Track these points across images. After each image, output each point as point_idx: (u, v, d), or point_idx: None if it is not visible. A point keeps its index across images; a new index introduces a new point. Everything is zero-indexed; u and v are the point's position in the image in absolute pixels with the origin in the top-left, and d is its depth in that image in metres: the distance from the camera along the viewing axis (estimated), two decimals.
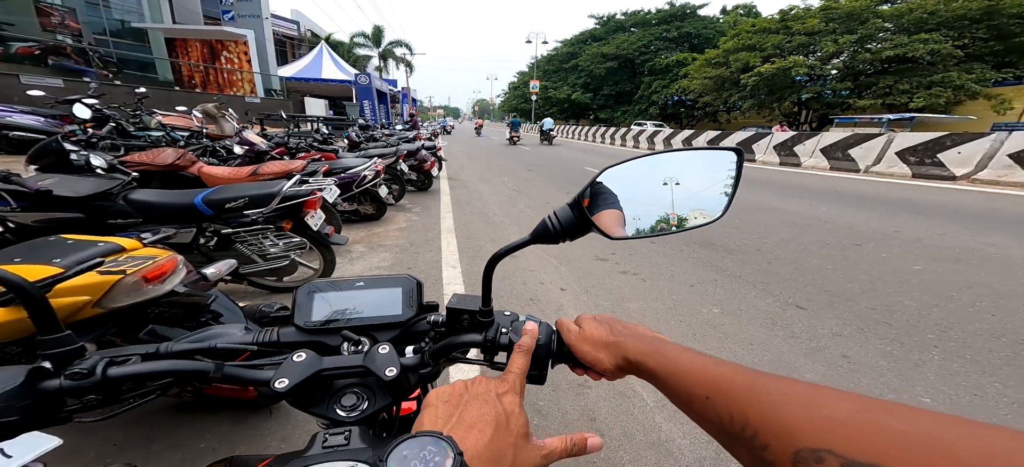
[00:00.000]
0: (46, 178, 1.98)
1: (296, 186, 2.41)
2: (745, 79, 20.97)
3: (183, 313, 1.25)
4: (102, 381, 0.37)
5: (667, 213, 0.43)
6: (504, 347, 0.44)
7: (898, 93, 16.72)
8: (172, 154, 2.88)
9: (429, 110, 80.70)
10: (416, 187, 6.02)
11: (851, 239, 3.87)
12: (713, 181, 0.44)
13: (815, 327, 2.28)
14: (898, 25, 17.37)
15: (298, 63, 19.70)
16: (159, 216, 2.11)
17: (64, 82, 7.17)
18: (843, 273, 3.03)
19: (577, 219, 0.42)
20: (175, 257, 1.22)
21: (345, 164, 3.94)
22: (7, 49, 8.92)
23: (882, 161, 8.23)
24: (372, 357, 0.42)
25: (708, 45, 28.48)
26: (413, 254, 3.43)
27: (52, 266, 1.01)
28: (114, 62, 11.68)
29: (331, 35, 30.33)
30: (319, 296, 0.48)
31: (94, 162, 2.41)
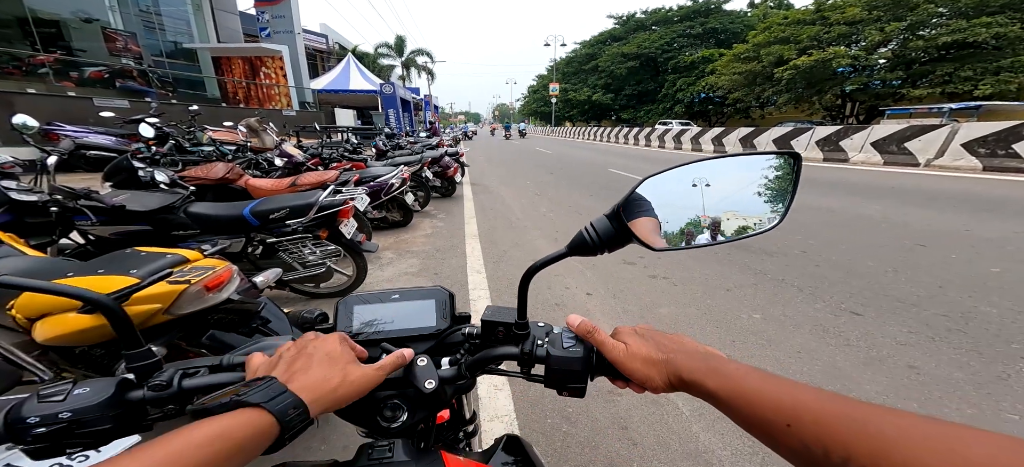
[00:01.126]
0: (119, 194, 2.21)
1: (331, 196, 2.54)
2: (779, 73, 19.89)
3: (237, 319, 1.37)
4: (178, 391, 0.41)
5: (715, 222, 0.41)
6: (540, 359, 0.44)
7: (959, 80, 15.30)
8: (223, 169, 3.13)
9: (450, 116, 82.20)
10: (440, 193, 6.16)
11: (913, 239, 3.55)
12: (766, 187, 0.41)
13: (874, 335, 2.11)
14: (954, 9, 15.90)
15: (328, 76, 20.69)
16: (213, 227, 2.29)
17: (129, 103, 7.96)
18: (905, 276, 2.79)
19: (616, 230, 0.41)
20: (231, 267, 1.34)
21: (374, 173, 4.10)
22: (82, 74, 10.01)
23: (946, 154, 7.51)
24: (411, 369, 0.44)
25: (735, 40, 27.31)
26: (439, 260, 3.52)
27: (130, 277, 1.14)
28: (170, 82, 12.80)
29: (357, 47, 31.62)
30: (358, 308, 0.51)
31: (158, 178, 2.66)
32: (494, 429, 1.56)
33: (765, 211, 0.41)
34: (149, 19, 13.77)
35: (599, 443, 1.50)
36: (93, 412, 0.37)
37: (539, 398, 1.71)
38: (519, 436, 0.53)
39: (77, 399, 0.37)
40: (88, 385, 0.39)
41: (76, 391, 0.38)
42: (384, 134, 7.94)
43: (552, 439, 1.53)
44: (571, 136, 29.88)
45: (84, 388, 0.38)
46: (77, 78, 9.74)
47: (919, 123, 9.07)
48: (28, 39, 10.09)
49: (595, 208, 5.51)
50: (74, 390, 0.38)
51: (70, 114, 6.55)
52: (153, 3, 13.98)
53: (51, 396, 0.37)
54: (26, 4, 10.06)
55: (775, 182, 0.41)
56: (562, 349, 0.43)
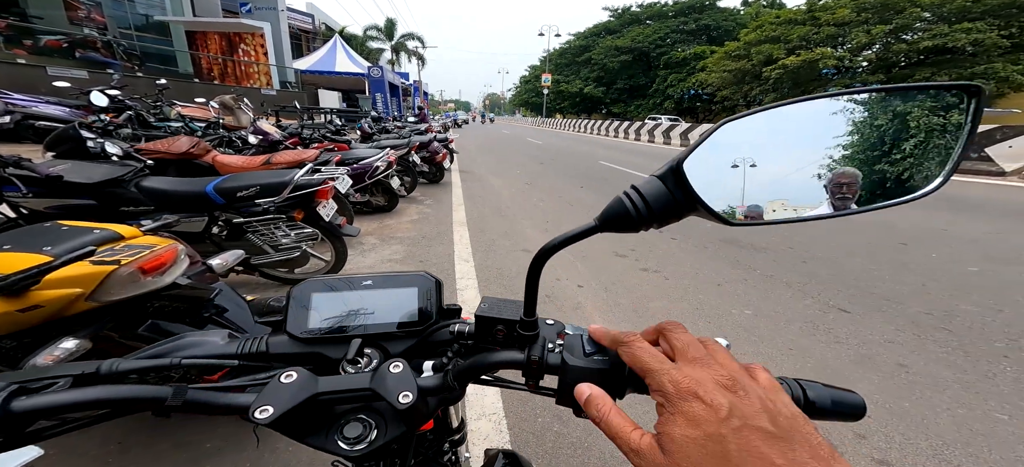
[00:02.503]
0: (58, 164, 1.95)
1: (308, 175, 2.34)
2: (767, 72, 20.20)
3: (186, 307, 1.18)
4: (7, 415, 0.28)
5: (839, 183, 0.29)
6: (554, 368, 0.32)
7: None
8: (186, 142, 2.86)
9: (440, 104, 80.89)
10: (428, 179, 5.97)
11: (894, 238, 3.60)
12: (918, 134, 0.29)
13: (862, 332, 2.09)
14: (938, 14, 16.37)
15: (313, 56, 19.91)
16: (171, 204, 2.06)
17: (89, 74, 7.38)
18: (889, 274, 2.81)
19: (674, 197, 0.28)
20: (175, 246, 1.14)
21: (358, 154, 3.88)
22: (36, 42, 9.23)
23: None
24: (382, 378, 0.33)
25: (728, 37, 27.60)
26: (425, 247, 3.35)
27: (42, 255, 0.94)
28: (137, 55, 12.02)
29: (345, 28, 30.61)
30: (318, 297, 0.40)
31: (109, 149, 2.39)
32: (481, 429, 1.42)
33: (913, 169, 0.29)
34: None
35: (592, 444, 1.41)
36: None
37: (529, 395, 1.58)
38: (516, 453, 0.44)
39: None
40: None
41: None
42: (370, 117, 7.62)
43: (543, 440, 1.41)
44: (562, 128, 29.73)
45: None
46: (31, 46, 8.98)
47: None
48: None
49: (587, 199, 5.42)
50: None
51: (19, 83, 5.99)
52: None
53: None
54: None
55: (933, 129, 0.29)
56: (584, 357, 0.32)
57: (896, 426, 1.46)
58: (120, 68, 9.52)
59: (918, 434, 1.43)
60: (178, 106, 6.00)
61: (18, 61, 7.12)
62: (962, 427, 1.46)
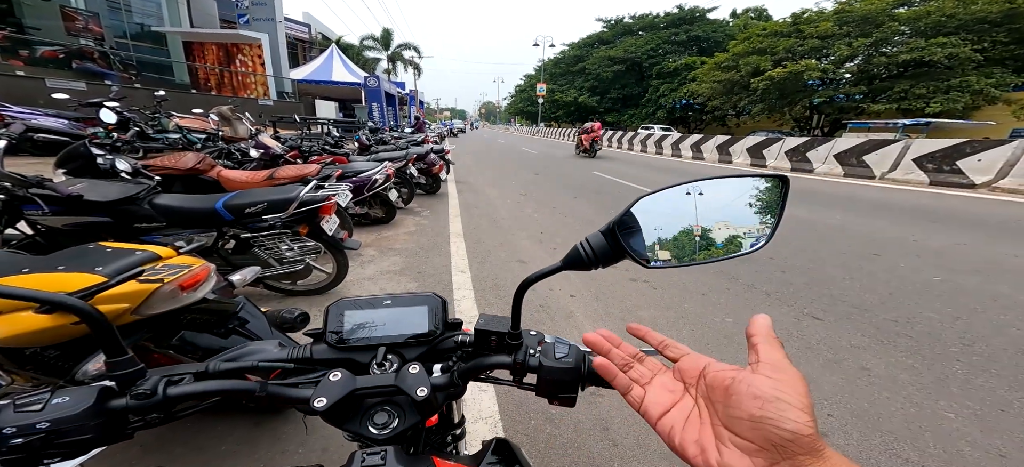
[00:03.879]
0: (76, 183, 2.05)
1: (312, 191, 2.45)
2: (755, 83, 20.74)
3: (213, 320, 1.29)
4: (163, 400, 0.39)
5: (706, 241, 0.43)
6: (533, 369, 0.44)
7: (914, 98, 16.41)
8: (193, 158, 2.96)
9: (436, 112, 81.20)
10: (425, 190, 6.07)
11: (868, 248, 3.80)
12: (755, 208, 0.43)
13: (832, 338, 2.25)
14: (915, 28, 17.05)
15: (309, 66, 20.01)
16: (182, 220, 2.16)
17: (87, 85, 7.40)
18: (860, 283, 2.98)
19: (611, 247, 0.41)
20: (208, 266, 1.26)
21: (356, 168, 3.99)
22: (33, 53, 9.24)
23: (898, 168, 8.09)
24: (403, 377, 0.43)
25: (717, 48, 28.24)
26: (423, 258, 3.46)
27: (95, 274, 1.05)
28: (134, 65, 12.04)
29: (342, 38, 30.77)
30: (349, 313, 0.50)
31: (120, 166, 2.48)
32: (479, 431, 1.54)
33: (751, 232, 0.43)
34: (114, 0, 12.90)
35: (582, 444, 1.52)
36: (73, 422, 0.36)
37: (523, 400, 1.71)
38: (508, 440, 0.53)
39: (56, 408, 0.36)
40: (67, 394, 0.37)
41: (55, 400, 0.36)
42: (368, 128, 7.74)
43: (536, 441, 1.53)
44: (556, 137, 30.12)
45: (63, 397, 0.37)
46: (27, 57, 8.99)
47: (876, 137, 9.71)
48: None
49: (580, 210, 5.57)
50: (53, 399, 0.36)
51: (17, 95, 6.00)
52: None
53: (28, 405, 0.36)
54: None
55: (765, 203, 0.43)
56: (554, 359, 0.43)
57: (854, 424, 1.61)
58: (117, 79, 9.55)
59: (872, 431, 1.58)
60: (176, 117, 6.07)
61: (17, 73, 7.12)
62: (912, 424, 1.61)
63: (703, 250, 0.43)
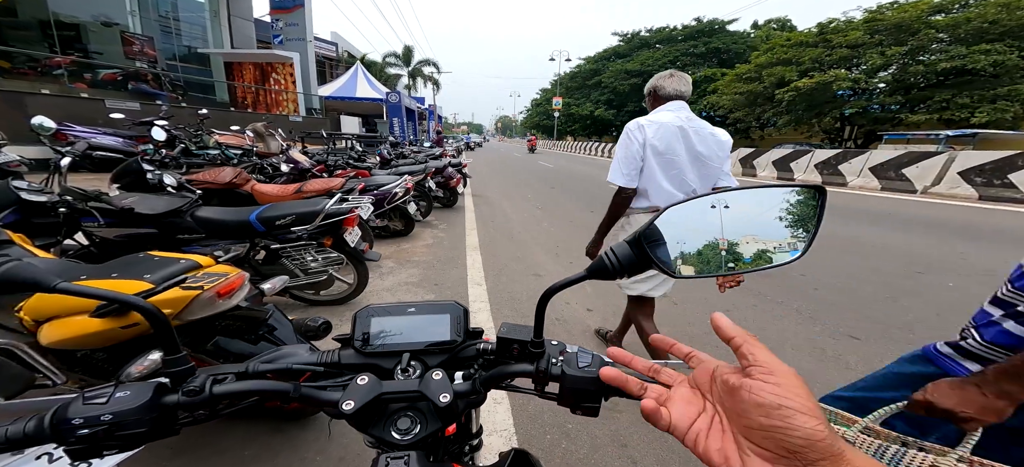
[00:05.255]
0: (128, 197, 2.24)
1: (337, 204, 2.57)
2: (780, 94, 20.16)
3: (244, 326, 1.38)
4: (209, 397, 0.42)
5: (736, 251, 0.41)
6: (555, 377, 0.44)
7: (956, 107, 15.48)
8: (230, 173, 3.17)
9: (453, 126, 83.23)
10: (442, 203, 6.20)
11: (910, 266, 3.58)
12: (785, 220, 0.41)
13: (872, 360, 2.12)
14: (954, 36, 16.20)
15: (335, 83, 21.03)
16: (219, 232, 2.31)
17: (140, 105, 8.10)
18: (903, 302, 2.81)
19: (636, 256, 0.41)
20: (243, 274, 1.35)
21: (378, 181, 4.14)
22: (95, 76, 10.19)
23: (942, 182, 7.61)
24: (427, 383, 0.44)
25: (738, 60, 27.74)
26: (440, 270, 3.53)
27: (143, 281, 1.15)
28: (181, 85, 13.03)
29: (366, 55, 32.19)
30: (375, 320, 0.51)
31: (166, 181, 2.69)
32: (493, 443, 1.55)
33: (784, 243, 0.41)
34: (167, 24, 14.12)
35: (598, 460, 1.50)
36: (132, 415, 0.38)
37: (538, 413, 1.70)
38: (527, 451, 0.53)
39: (119, 402, 0.38)
40: (128, 388, 0.40)
41: (118, 394, 0.39)
42: (388, 142, 8.03)
43: (551, 455, 1.52)
44: (572, 150, 30.14)
45: (125, 391, 0.39)
46: (90, 80, 9.92)
47: (916, 149, 9.20)
48: (47, 41, 10.34)
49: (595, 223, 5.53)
50: (115, 393, 0.39)
51: (81, 115, 6.64)
52: (172, 8, 14.33)
53: (95, 398, 0.38)
54: (50, 8, 10.34)
55: (798, 215, 0.41)
56: (578, 368, 0.43)
57: None
58: (166, 99, 10.36)
59: None
60: (215, 134, 6.52)
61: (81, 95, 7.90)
62: None
63: (732, 260, 0.42)
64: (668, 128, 1.56)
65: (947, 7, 17.08)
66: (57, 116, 5.94)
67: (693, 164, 1.60)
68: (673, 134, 1.56)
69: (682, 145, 1.57)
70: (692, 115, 1.64)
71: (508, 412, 1.70)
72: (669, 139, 1.56)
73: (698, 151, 1.58)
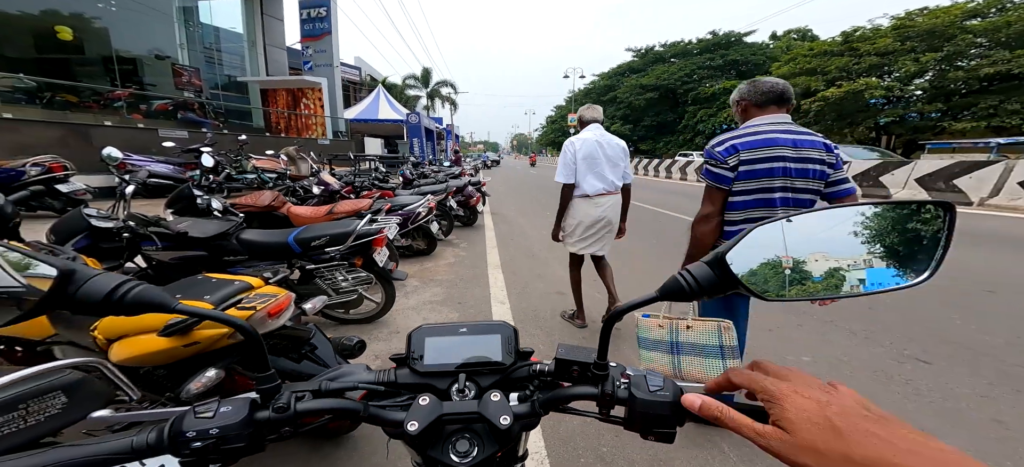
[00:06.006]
0: (182, 221, 2.44)
1: (367, 225, 2.68)
2: (807, 104, 19.55)
3: (288, 345, 1.46)
4: (293, 414, 0.43)
5: (846, 273, 0.37)
6: (622, 401, 0.43)
7: (1005, 114, 14.53)
8: (269, 197, 3.39)
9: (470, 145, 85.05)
10: (462, 222, 6.30)
11: (977, 284, 3.33)
12: (907, 237, 0.37)
13: (947, 385, 1.98)
14: (993, 40, 15.36)
15: (359, 106, 22.09)
16: (261, 253, 2.47)
17: (188, 133, 8.81)
18: (974, 323, 2.62)
19: (718, 277, 0.39)
20: (290, 295, 1.44)
21: (402, 201, 4.29)
22: (149, 107, 11.20)
23: (1002, 192, 7.08)
24: (486, 404, 0.43)
25: (758, 71, 27.24)
26: (463, 289, 3.58)
27: (204, 302, 1.26)
28: (223, 113, 14.06)
29: (387, 78, 33.69)
30: (429, 340, 0.51)
31: (214, 205, 2.91)
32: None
33: (903, 264, 0.37)
34: (210, 55, 15.39)
35: None
36: (235, 429, 0.40)
37: (570, 435, 1.69)
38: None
39: (223, 417, 0.40)
40: (229, 403, 0.41)
41: (222, 409, 0.41)
42: (411, 163, 8.32)
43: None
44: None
45: (227, 407, 0.41)
46: (145, 110, 10.89)
47: (967, 159, 8.62)
48: (109, 75, 11.50)
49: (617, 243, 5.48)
50: (220, 408, 0.41)
51: (137, 144, 7.29)
52: (215, 40, 15.65)
53: (204, 413, 0.40)
54: (112, 44, 11.53)
55: (917, 233, 0.37)
56: (649, 392, 0.42)
57: None
58: (210, 126, 11.21)
59: None
60: (253, 159, 6.97)
61: (138, 125, 8.69)
62: None
63: (840, 283, 0.38)
64: (589, 142, 2.43)
65: (983, 11, 16.29)
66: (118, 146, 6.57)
67: (607, 164, 2.44)
68: (592, 146, 2.42)
69: (599, 152, 2.43)
70: (604, 132, 2.50)
71: (539, 434, 1.69)
72: (590, 149, 2.42)
73: (609, 155, 2.45)
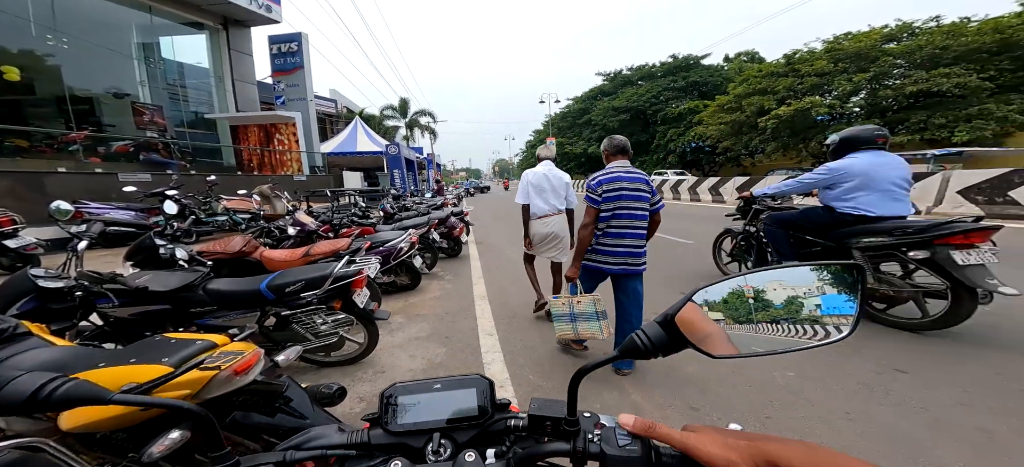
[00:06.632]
0: (142, 275, 2.28)
1: (345, 267, 2.60)
2: (763, 122, 21.08)
3: (261, 400, 1.36)
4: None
5: (777, 331, 0.41)
6: (594, 456, 0.43)
7: (934, 128, 16.16)
8: (239, 242, 3.24)
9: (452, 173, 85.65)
10: (447, 254, 6.23)
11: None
12: (827, 296, 0.41)
13: (928, 395, 2.03)
14: (911, 61, 17.33)
15: (337, 139, 21.92)
16: (230, 303, 2.33)
17: (151, 176, 8.34)
18: (943, 331, 2.73)
19: (669, 337, 0.42)
20: (259, 351, 1.35)
21: (383, 237, 4.20)
22: (108, 148, 10.62)
23: (944, 201, 7.73)
24: (461, 465, 0.43)
25: (717, 91, 29.22)
26: (450, 323, 3.49)
27: (162, 365, 1.16)
28: (189, 152, 13.51)
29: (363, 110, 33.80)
30: (402, 398, 0.51)
31: (178, 255, 2.74)
32: None
33: (827, 321, 0.41)
34: (174, 91, 14.86)
35: None
36: None
37: None
38: None
39: None
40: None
41: None
42: (391, 196, 8.24)
43: None
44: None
45: None
46: (104, 153, 10.31)
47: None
48: (63, 116, 10.85)
49: None
50: None
51: (96, 190, 6.80)
52: (179, 76, 15.16)
53: None
54: (65, 82, 10.94)
55: (834, 291, 0.41)
56: (618, 448, 0.42)
57: None
58: (177, 167, 10.69)
59: None
60: (224, 200, 6.69)
61: (95, 170, 8.17)
62: None
63: (774, 341, 0.42)
64: (539, 174, 3.18)
65: (898, 35, 18.44)
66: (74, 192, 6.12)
67: (552, 192, 3.15)
68: (541, 177, 3.17)
69: (546, 183, 3.16)
70: (552, 167, 3.24)
71: None
72: (538, 180, 3.17)
73: (554, 185, 3.16)
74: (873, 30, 19.31)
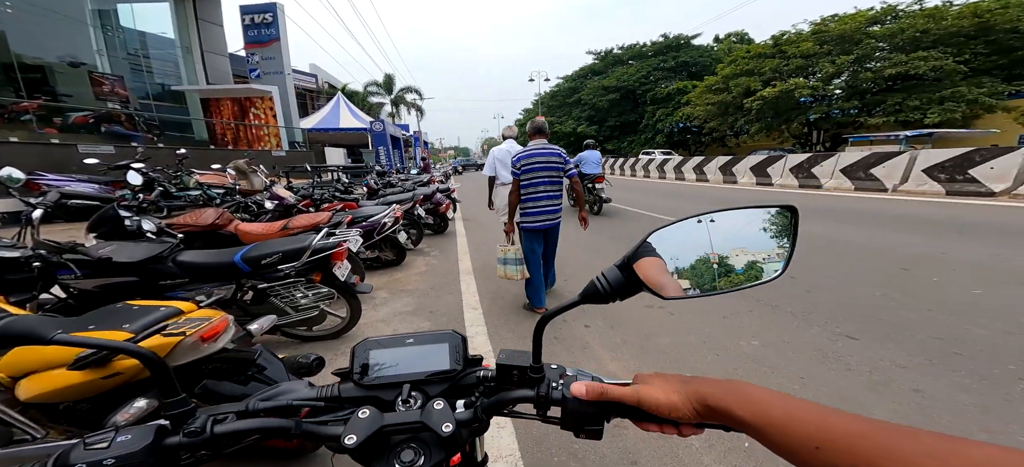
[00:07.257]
0: (106, 246, 2.16)
1: (324, 239, 2.54)
2: (749, 103, 21.28)
3: (232, 368, 1.33)
4: (211, 437, 0.42)
5: (724, 267, 0.43)
6: (556, 402, 0.45)
7: (909, 109, 16.66)
8: (212, 214, 3.10)
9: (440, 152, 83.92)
10: (433, 230, 6.18)
11: (894, 263, 3.71)
12: (767, 238, 0.44)
13: (873, 359, 2.17)
14: (892, 44, 17.62)
15: (318, 114, 21.04)
16: (203, 275, 2.25)
17: (115, 148, 7.86)
18: (894, 300, 2.90)
19: (626, 279, 0.43)
20: (227, 317, 1.32)
21: (366, 212, 4.11)
22: (65, 120, 9.90)
23: (910, 179, 8.05)
24: (429, 413, 0.44)
25: (706, 72, 29.20)
26: (434, 297, 3.49)
27: (123, 331, 1.11)
28: (157, 125, 12.75)
29: (346, 85, 32.41)
30: (374, 353, 0.51)
31: (145, 227, 2.62)
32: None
33: (765, 262, 0.44)
34: (136, 62, 13.90)
35: None
36: (135, 458, 0.39)
37: (543, 436, 1.68)
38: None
39: (120, 446, 0.39)
40: (129, 432, 0.40)
41: (119, 439, 0.40)
42: (375, 172, 8.03)
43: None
44: None
45: (126, 436, 0.40)
46: (61, 124, 9.62)
47: (880, 150, 9.76)
48: (12, 85, 10.03)
49: (588, 242, 5.61)
50: (117, 438, 0.40)
51: (53, 162, 6.39)
52: (141, 46, 14.16)
53: (96, 444, 0.39)
54: (12, 50, 10.07)
55: (777, 228, 0.44)
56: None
57: None
58: (142, 140, 10.10)
59: None
60: (196, 174, 6.38)
61: (52, 141, 7.62)
62: None
63: (723, 277, 0.44)
64: (503, 150, 3.54)
65: (882, 18, 18.64)
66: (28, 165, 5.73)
67: (510, 165, 3.11)
68: (504, 152, 3.48)
69: (508, 157, 3.29)
70: (513, 143, 3.50)
71: (513, 437, 1.67)
72: (502, 156, 3.53)
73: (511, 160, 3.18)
74: (859, 12, 19.45)
